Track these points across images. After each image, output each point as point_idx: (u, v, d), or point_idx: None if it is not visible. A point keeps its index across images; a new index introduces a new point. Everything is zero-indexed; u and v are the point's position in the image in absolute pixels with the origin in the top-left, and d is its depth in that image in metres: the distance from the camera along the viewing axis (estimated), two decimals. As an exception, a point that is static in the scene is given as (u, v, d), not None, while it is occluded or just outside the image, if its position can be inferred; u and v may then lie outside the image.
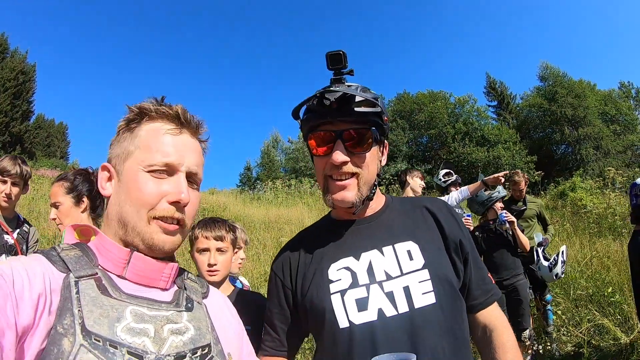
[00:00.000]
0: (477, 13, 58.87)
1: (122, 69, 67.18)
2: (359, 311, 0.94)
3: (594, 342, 3.88)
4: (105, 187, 0.81)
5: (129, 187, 0.76)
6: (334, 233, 1.09)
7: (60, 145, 35.39)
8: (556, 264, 3.69)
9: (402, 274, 0.97)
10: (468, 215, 4.17)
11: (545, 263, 3.76)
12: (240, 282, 2.36)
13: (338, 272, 1.01)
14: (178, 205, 0.76)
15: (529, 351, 3.47)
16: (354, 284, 0.98)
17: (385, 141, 1.11)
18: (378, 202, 1.13)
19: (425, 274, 0.97)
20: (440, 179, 4.18)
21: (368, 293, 0.96)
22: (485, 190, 3.70)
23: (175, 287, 0.82)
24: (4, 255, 2.31)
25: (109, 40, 64.34)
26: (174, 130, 0.80)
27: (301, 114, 1.06)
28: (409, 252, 1.01)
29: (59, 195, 1.83)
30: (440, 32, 60.05)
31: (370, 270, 0.99)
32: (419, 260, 0.99)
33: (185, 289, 0.84)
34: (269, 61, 66.86)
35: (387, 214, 1.11)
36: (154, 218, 0.75)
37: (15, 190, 2.37)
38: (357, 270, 1.00)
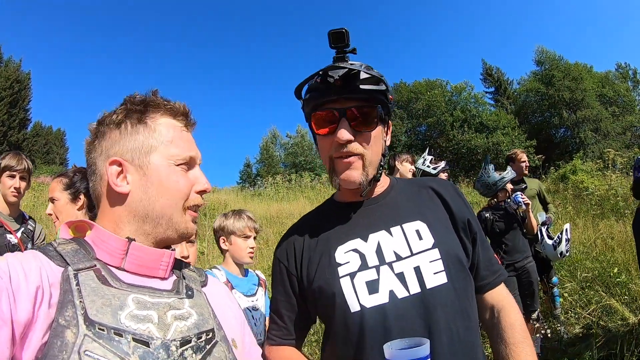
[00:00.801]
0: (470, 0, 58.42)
1: (118, 71, 66.55)
2: (370, 294, 0.92)
3: (602, 323, 3.87)
4: (120, 184, 0.76)
5: (163, 182, 0.78)
6: (339, 215, 1.06)
7: (59, 152, 35.28)
8: (560, 242, 3.65)
9: (412, 254, 0.95)
10: None
11: (550, 242, 3.71)
12: (257, 275, 2.27)
13: (346, 255, 0.98)
14: (205, 193, 0.86)
15: (538, 334, 3.46)
16: (363, 266, 0.95)
17: (390, 121, 1.07)
18: (383, 183, 1.10)
19: (436, 253, 0.94)
20: (429, 166, 3.78)
21: (378, 275, 0.93)
22: (495, 170, 3.69)
23: (174, 277, 0.82)
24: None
25: (103, 44, 63.92)
26: (186, 126, 0.86)
27: (303, 94, 1.03)
28: (417, 231, 0.98)
29: (56, 191, 1.82)
30: (434, 20, 59.70)
31: (379, 252, 0.96)
32: (428, 239, 0.96)
33: (184, 278, 0.84)
34: (267, 61, 66.54)
35: (393, 194, 1.08)
36: (187, 208, 0.81)
37: (23, 184, 2.41)
38: (366, 252, 0.97)
